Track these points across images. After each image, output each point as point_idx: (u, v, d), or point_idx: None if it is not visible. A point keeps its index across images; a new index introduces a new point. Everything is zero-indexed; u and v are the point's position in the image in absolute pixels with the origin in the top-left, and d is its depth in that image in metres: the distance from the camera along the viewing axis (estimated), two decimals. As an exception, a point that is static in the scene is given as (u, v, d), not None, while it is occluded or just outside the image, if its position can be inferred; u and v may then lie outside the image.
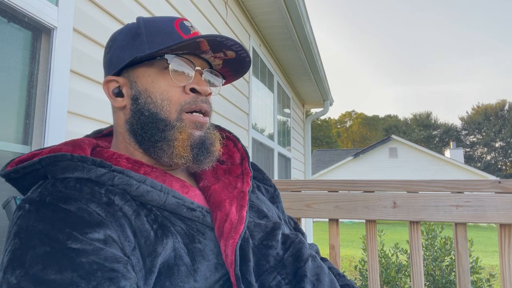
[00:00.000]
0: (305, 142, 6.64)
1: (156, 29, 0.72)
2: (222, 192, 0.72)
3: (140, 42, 0.71)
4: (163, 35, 0.71)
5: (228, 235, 0.63)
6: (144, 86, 0.71)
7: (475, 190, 1.37)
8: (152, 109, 0.70)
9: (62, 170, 0.61)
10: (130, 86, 0.73)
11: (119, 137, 0.75)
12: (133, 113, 0.72)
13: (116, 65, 0.73)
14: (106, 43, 0.79)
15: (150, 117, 0.70)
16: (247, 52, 0.75)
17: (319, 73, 5.02)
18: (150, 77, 0.71)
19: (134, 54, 0.70)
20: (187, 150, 0.69)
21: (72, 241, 0.52)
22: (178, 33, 0.72)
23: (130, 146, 0.73)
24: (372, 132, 55.91)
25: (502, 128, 44.35)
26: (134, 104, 0.72)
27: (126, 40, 0.73)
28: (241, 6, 3.27)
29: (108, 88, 0.75)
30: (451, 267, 3.61)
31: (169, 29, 0.72)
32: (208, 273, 0.61)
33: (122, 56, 0.72)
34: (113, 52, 0.75)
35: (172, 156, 0.70)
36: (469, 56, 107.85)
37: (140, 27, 0.73)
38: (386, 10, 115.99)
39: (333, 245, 1.49)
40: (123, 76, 0.74)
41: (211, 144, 0.73)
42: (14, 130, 1.06)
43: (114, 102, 0.74)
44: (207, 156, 0.72)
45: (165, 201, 0.63)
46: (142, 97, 0.71)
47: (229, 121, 2.95)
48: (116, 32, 0.78)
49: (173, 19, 0.74)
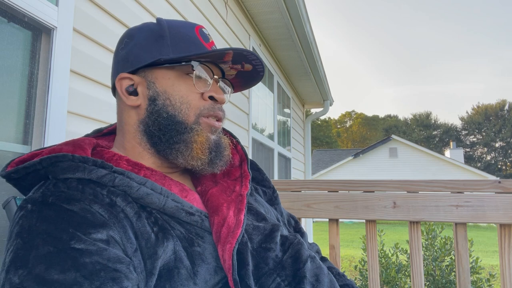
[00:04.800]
0: (305, 142, 6.64)
1: (179, 34, 0.73)
2: (220, 196, 0.72)
3: (164, 44, 0.71)
4: (187, 41, 0.72)
5: (226, 240, 0.63)
6: (164, 88, 0.71)
7: (475, 190, 1.37)
8: (170, 111, 0.70)
9: (63, 171, 0.61)
10: (147, 86, 0.72)
11: (126, 136, 0.75)
12: (150, 114, 0.72)
13: (134, 63, 0.73)
14: (121, 38, 0.78)
15: (169, 119, 0.70)
16: (263, 67, 0.77)
17: (319, 73, 5.02)
18: (170, 80, 0.72)
19: (156, 55, 0.70)
20: (205, 152, 0.71)
21: (75, 241, 0.52)
22: (200, 41, 0.74)
23: (140, 146, 0.73)
24: (372, 132, 55.90)
25: (502, 128, 44.34)
26: (151, 104, 0.72)
27: (148, 40, 0.73)
28: (241, 6, 3.27)
29: (121, 86, 0.74)
30: (451, 267, 3.61)
31: (192, 36, 0.73)
32: (207, 276, 0.61)
33: (142, 56, 0.72)
34: (130, 49, 0.74)
35: (189, 157, 0.70)
36: (469, 56, 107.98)
37: (164, 29, 0.73)
38: (386, 10, 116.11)
39: (333, 245, 1.49)
40: (138, 75, 0.73)
41: (224, 148, 0.75)
42: (14, 130, 1.06)
43: (127, 100, 0.73)
44: (221, 159, 0.74)
45: (164, 204, 0.63)
46: (161, 99, 0.71)
47: (229, 121, 2.95)
48: (133, 29, 0.77)
49: (193, 26, 0.76)
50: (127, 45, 0.75)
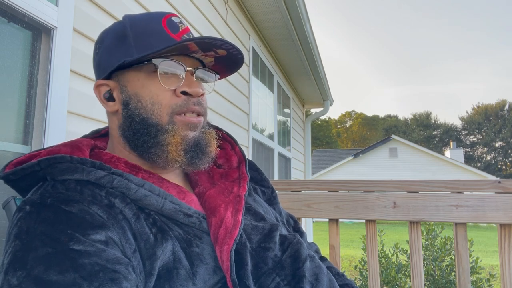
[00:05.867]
0: (305, 142, 6.64)
1: (142, 30, 0.70)
2: (217, 197, 0.72)
3: (128, 45, 0.69)
4: (151, 36, 0.69)
5: (223, 241, 0.63)
6: (134, 90, 0.69)
7: (475, 190, 1.37)
8: (142, 114, 0.68)
9: (62, 172, 0.61)
10: (120, 90, 0.71)
11: (113, 140, 0.75)
12: (125, 119, 0.70)
13: (105, 69, 0.72)
14: (95, 43, 0.77)
15: (141, 123, 0.68)
16: (238, 50, 0.72)
17: (319, 73, 5.02)
18: (140, 81, 0.69)
19: (121, 58, 0.68)
20: (180, 154, 0.68)
21: (74, 243, 0.52)
22: (166, 33, 0.69)
23: (125, 150, 0.73)
24: (372, 132, 55.90)
25: (502, 128, 44.33)
26: (125, 109, 0.70)
27: (113, 43, 0.71)
28: (241, 6, 3.27)
29: (100, 92, 0.73)
30: (451, 267, 3.61)
31: (157, 29, 0.69)
32: (206, 276, 0.61)
33: (111, 60, 0.71)
34: (101, 55, 0.73)
35: (166, 160, 0.69)
36: (469, 56, 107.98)
37: (125, 28, 0.71)
38: (386, 10, 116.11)
39: (333, 245, 1.49)
40: (113, 80, 0.72)
41: (206, 144, 0.71)
42: (14, 130, 1.06)
43: (106, 107, 0.73)
44: (202, 158, 0.71)
45: (162, 206, 0.63)
46: (133, 102, 0.69)
47: (229, 121, 2.95)
48: (103, 32, 0.76)
49: (161, 16, 0.72)
50: (99, 49, 0.74)
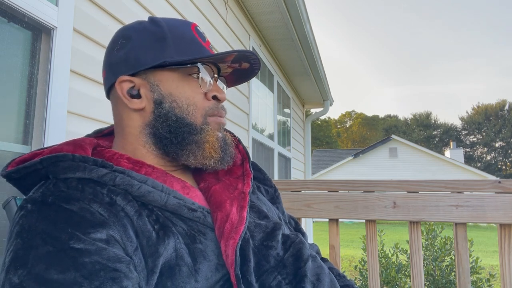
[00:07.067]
0: (305, 142, 6.64)
1: (180, 35, 0.73)
2: (222, 192, 0.72)
3: (166, 46, 0.71)
4: (187, 42, 0.73)
5: (229, 236, 0.63)
6: (169, 90, 0.71)
7: (475, 190, 1.37)
8: (178, 113, 0.71)
9: (64, 170, 0.61)
10: (150, 89, 0.71)
11: (128, 138, 0.74)
12: (157, 117, 0.71)
13: (135, 65, 0.71)
14: (114, 38, 0.76)
15: (178, 122, 0.71)
16: (259, 65, 0.79)
17: (319, 73, 5.02)
18: (174, 82, 0.71)
19: (160, 58, 0.70)
20: (217, 151, 0.72)
21: (74, 241, 0.52)
22: (198, 40, 0.74)
23: (144, 148, 0.73)
24: (372, 132, 55.91)
25: (502, 128, 44.35)
26: (158, 108, 0.71)
27: (148, 41, 0.72)
28: (241, 6, 3.27)
29: (122, 89, 0.72)
30: (451, 267, 3.61)
31: (190, 35, 0.74)
32: (209, 273, 0.61)
33: (144, 58, 0.71)
34: (129, 51, 0.72)
35: (201, 157, 0.71)
36: (469, 56, 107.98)
37: (164, 30, 0.72)
38: (386, 10, 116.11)
39: (333, 245, 1.49)
40: (139, 77, 0.72)
41: (229, 144, 0.77)
42: (14, 130, 1.06)
43: (129, 103, 0.72)
44: (230, 155, 0.76)
45: (166, 201, 0.63)
46: (167, 101, 0.71)
47: (229, 121, 2.95)
48: (129, 29, 0.75)
49: (189, 24, 0.76)
50: (124, 46, 0.73)
